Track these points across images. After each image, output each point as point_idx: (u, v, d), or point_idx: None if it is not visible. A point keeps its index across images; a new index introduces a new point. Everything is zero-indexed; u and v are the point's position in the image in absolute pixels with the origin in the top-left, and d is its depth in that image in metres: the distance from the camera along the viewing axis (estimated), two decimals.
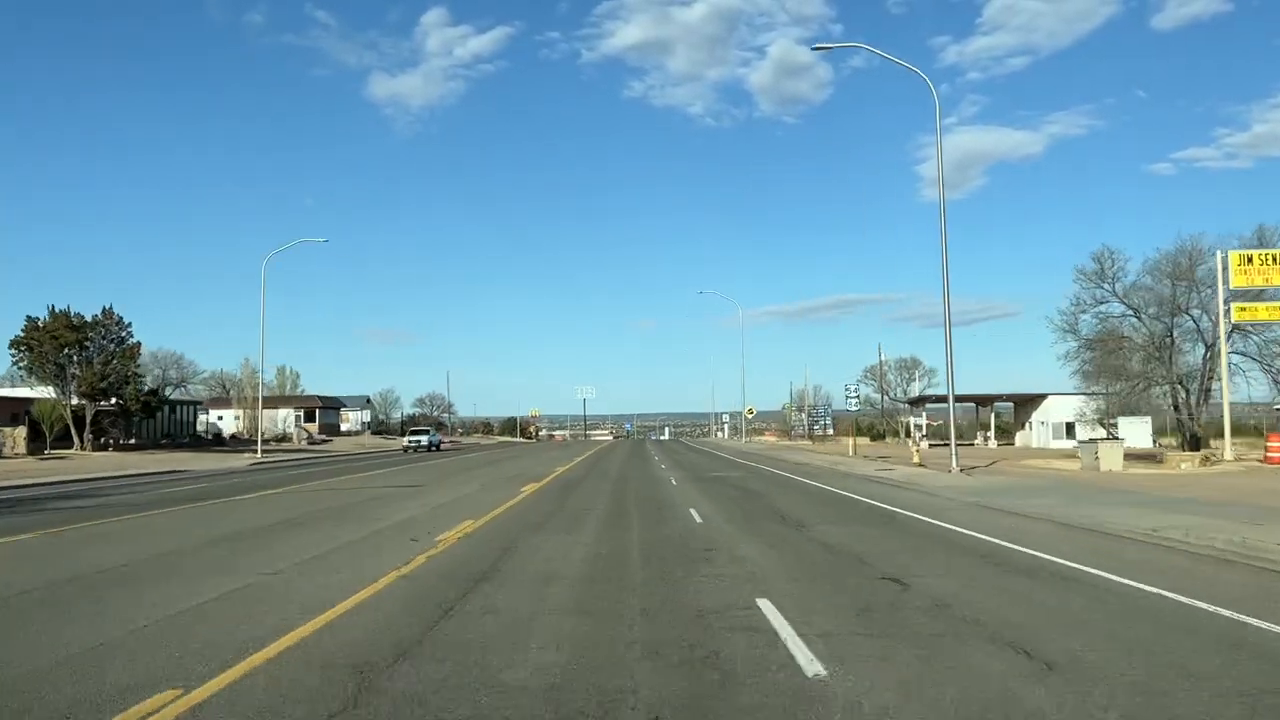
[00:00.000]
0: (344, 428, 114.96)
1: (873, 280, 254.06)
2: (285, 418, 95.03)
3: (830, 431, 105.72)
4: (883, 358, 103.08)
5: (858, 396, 69.05)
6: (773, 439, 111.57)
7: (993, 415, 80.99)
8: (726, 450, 58.35)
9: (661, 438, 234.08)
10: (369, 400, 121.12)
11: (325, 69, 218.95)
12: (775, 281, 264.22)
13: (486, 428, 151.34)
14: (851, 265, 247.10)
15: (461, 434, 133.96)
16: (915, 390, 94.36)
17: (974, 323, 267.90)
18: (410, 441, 60.88)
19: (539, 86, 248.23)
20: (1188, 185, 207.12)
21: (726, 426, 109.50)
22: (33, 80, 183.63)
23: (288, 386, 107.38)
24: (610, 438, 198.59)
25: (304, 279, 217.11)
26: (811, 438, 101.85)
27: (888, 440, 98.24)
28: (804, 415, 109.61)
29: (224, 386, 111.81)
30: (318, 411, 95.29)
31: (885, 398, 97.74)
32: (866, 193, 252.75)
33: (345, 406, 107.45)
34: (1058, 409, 76.73)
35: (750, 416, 78.75)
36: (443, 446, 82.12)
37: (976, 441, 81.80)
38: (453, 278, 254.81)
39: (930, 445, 79.90)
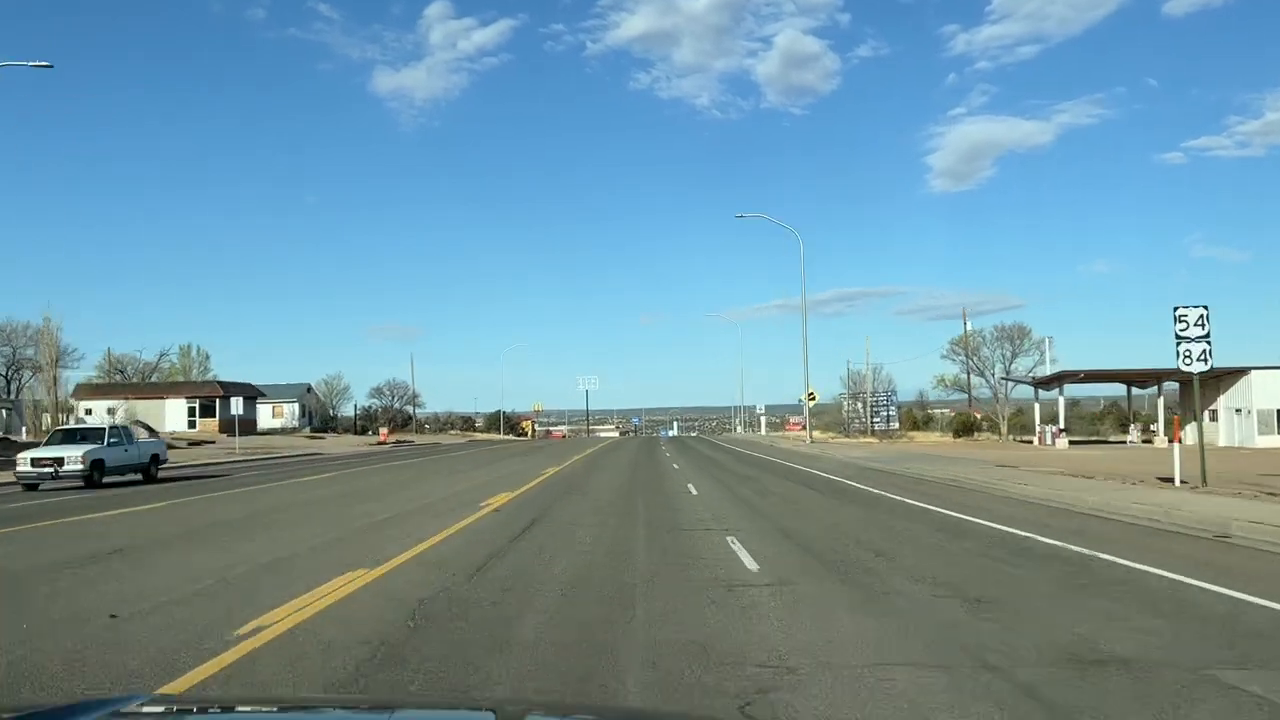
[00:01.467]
0: (275, 423, 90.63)
1: (877, 273, 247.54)
2: (168, 411, 70.75)
3: (895, 425, 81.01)
4: (969, 327, 78.31)
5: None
6: (820, 435, 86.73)
7: (1160, 401, 56.15)
8: (810, 461, 33.59)
9: (670, 433, 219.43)
10: (309, 389, 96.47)
11: (329, 63, 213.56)
12: (781, 274, 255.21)
13: (466, 423, 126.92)
14: (856, 257, 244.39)
15: (429, 430, 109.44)
16: (1022, 368, 69.13)
17: (977, 315, 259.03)
18: (34, 465, 22.57)
19: (543, 79, 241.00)
20: (1199, 174, 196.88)
21: (763, 420, 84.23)
22: (28, 78, 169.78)
23: (193, 371, 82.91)
24: (616, 434, 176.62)
25: (307, 274, 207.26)
26: (874, 434, 77.06)
27: (978, 436, 73.27)
28: (860, 405, 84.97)
29: (121, 371, 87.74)
30: (218, 402, 70.91)
31: (979, 378, 72.65)
32: (873, 184, 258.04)
33: (266, 397, 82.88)
34: (1268, 390, 51.89)
35: (812, 404, 53.92)
36: (388, 445, 56.48)
37: (1130, 438, 56.98)
38: (457, 272, 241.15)
39: (1070, 443, 55.14)
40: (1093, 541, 10.43)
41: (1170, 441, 20.81)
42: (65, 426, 33.49)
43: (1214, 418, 54.62)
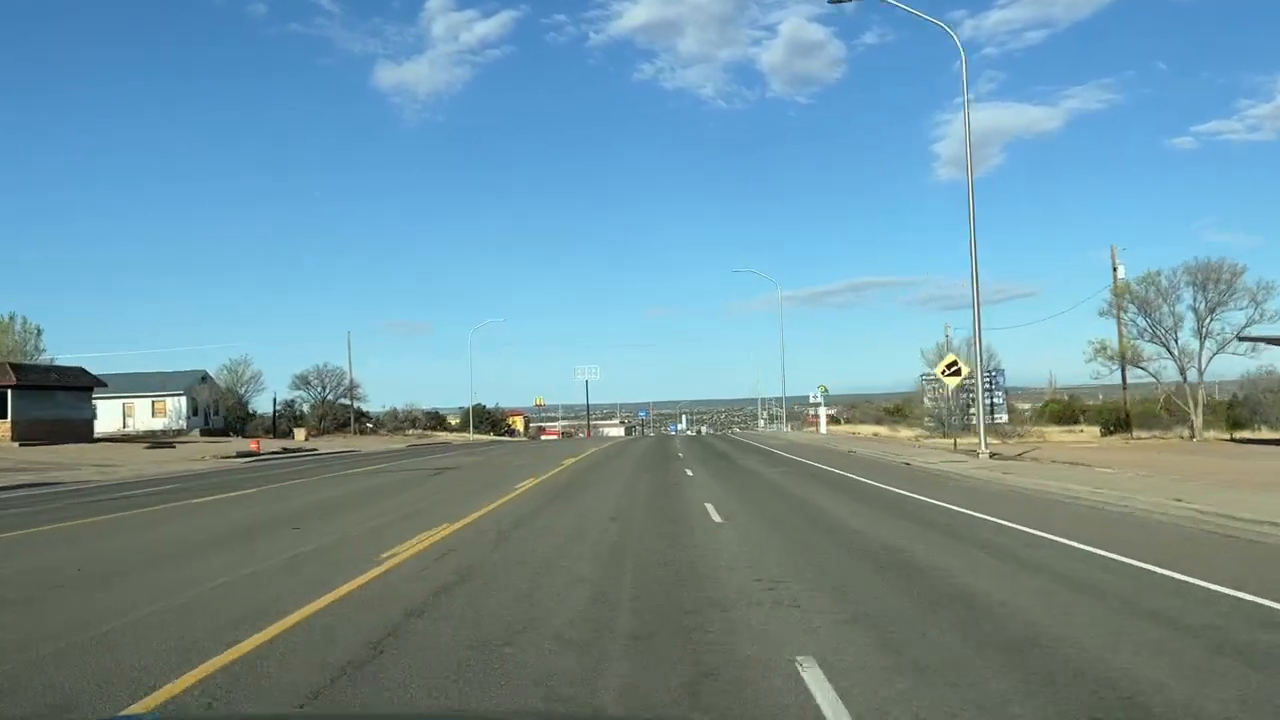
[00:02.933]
0: (156, 423, 66.85)
1: (887, 263, 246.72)
2: None
3: (1004, 418, 56.80)
4: (1120, 274, 53.66)
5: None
6: (883, 431, 62.81)
7: None
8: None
9: (678, 427, 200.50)
10: (205, 378, 72.29)
11: (331, 58, 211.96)
12: (789, 266, 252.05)
13: (434, 420, 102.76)
14: (865, 248, 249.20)
15: (379, 431, 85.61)
16: (1226, 328, 44.44)
17: (990, 304, 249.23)
18: None
19: (547, 71, 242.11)
20: (1210, 158, 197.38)
21: (822, 413, 59.17)
22: (28, 73, 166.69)
23: (18, 352, 58.81)
24: (621, 431, 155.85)
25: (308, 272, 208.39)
26: (977, 431, 52.79)
27: (1139, 435, 49.06)
28: (950, 390, 60.56)
29: None
30: (10, 395, 46.93)
31: (1153, 345, 47.90)
32: (880, 173, 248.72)
33: (104, 388, 58.59)
34: None
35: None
36: (251, 459, 32.02)
37: None
38: (464, 267, 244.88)
39: None
40: None
41: None
42: None
43: None
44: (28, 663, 5.67)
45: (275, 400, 76.58)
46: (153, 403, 68.64)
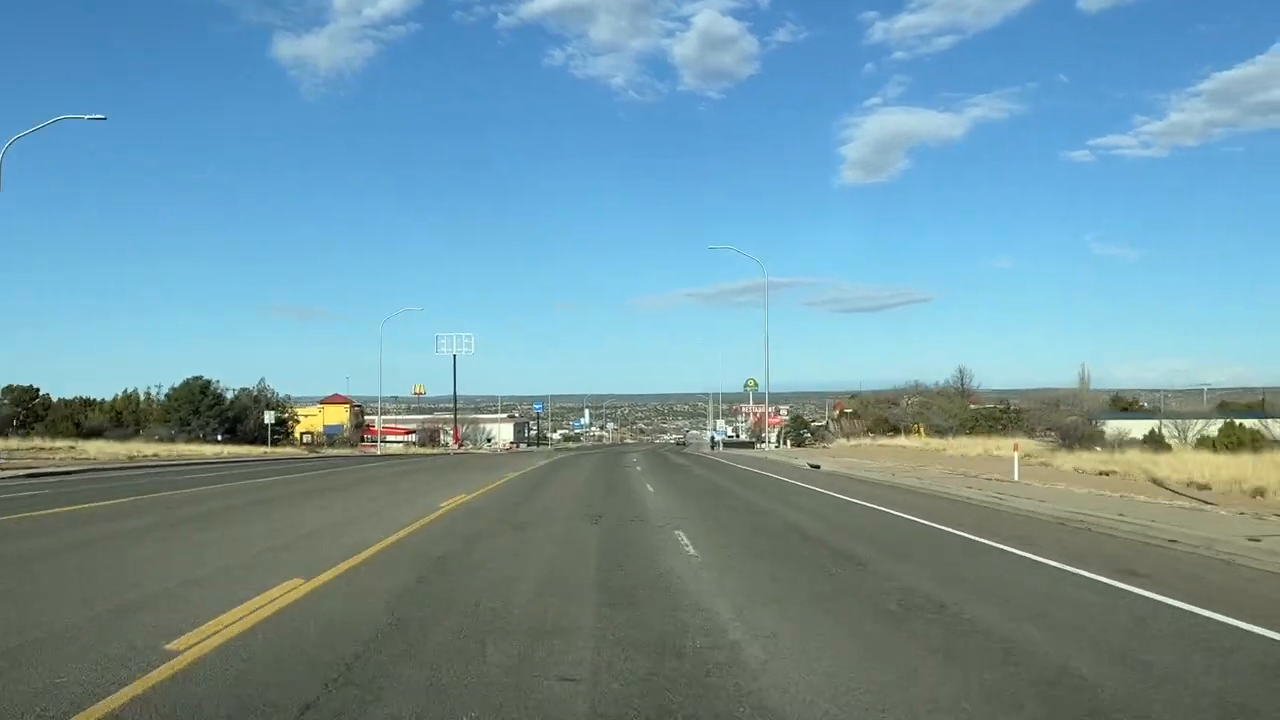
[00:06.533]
0: None
1: (790, 264, 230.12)
2: None
3: None
4: None
5: None
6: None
7: None
8: None
9: (582, 423, 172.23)
10: None
11: (228, 25, 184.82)
12: (694, 262, 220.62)
13: (113, 415, 48.78)
14: (769, 248, 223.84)
15: None
16: None
17: (883, 308, 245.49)
18: None
19: (454, 51, 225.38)
20: (1104, 172, 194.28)
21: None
22: None
23: None
24: (509, 435, 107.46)
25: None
26: None
27: None
28: None
29: None
30: None
31: None
32: (787, 173, 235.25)
33: None
34: None
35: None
36: None
37: None
38: (363, 249, 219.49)
39: None
40: None
41: None
42: None
43: None
44: None
45: None
46: None
